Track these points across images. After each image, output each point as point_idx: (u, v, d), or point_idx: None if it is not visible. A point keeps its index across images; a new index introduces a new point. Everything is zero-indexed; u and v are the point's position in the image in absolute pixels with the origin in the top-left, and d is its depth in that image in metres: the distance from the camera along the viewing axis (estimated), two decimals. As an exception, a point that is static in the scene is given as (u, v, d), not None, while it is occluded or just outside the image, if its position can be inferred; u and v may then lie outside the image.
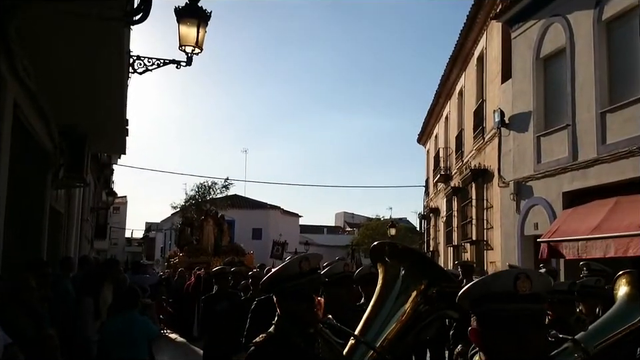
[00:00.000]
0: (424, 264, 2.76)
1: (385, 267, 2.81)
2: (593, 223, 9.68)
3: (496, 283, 1.86)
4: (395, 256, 2.78)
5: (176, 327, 16.04)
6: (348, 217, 64.92)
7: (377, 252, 2.87)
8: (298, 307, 2.58)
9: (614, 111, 10.00)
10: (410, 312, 2.64)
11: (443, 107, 22.43)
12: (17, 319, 4.50)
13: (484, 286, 1.88)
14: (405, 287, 2.67)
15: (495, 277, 1.95)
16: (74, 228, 12.20)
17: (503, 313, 1.81)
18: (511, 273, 1.85)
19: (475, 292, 1.89)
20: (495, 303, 1.83)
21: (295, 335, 2.59)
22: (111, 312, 6.69)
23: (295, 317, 2.60)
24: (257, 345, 2.61)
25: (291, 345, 2.57)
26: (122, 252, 49.19)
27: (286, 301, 2.61)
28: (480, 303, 1.86)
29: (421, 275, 2.67)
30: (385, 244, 2.89)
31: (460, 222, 18.37)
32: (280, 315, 2.67)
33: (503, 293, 1.82)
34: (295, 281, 2.58)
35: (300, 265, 2.60)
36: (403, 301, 2.66)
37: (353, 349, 2.66)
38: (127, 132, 9.85)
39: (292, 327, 2.60)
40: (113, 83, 6.29)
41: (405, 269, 2.71)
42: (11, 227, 5.64)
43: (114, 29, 4.79)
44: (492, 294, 1.84)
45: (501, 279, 1.86)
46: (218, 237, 20.31)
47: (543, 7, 12.00)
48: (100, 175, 17.95)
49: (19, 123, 5.80)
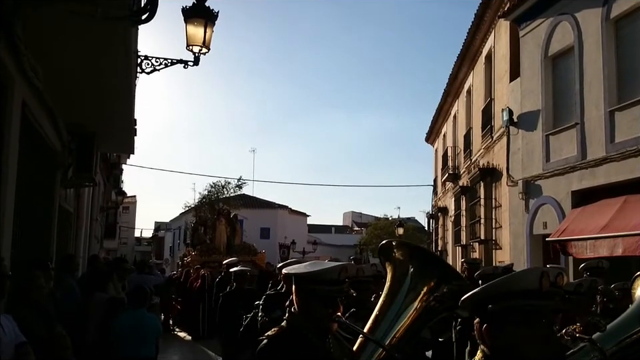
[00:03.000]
0: (433, 262, 2.76)
1: (394, 265, 2.81)
2: (602, 222, 9.64)
3: (523, 280, 1.92)
4: (404, 254, 2.78)
5: (185, 325, 16.13)
6: (356, 217, 64.82)
7: (385, 250, 2.87)
8: (322, 311, 2.58)
9: (622, 110, 9.95)
10: (419, 309, 2.64)
11: (451, 105, 22.38)
12: (27, 317, 4.54)
13: (510, 283, 1.93)
14: (414, 285, 2.68)
15: (522, 274, 2.01)
16: (83, 227, 12.28)
17: (529, 308, 1.87)
18: (537, 271, 1.92)
19: (501, 289, 1.93)
20: (521, 299, 1.88)
21: (308, 330, 2.60)
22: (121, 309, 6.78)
23: (315, 318, 2.60)
24: (270, 338, 2.61)
25: (304, 340, 2.58)
26: (131, 251, 49.46)
27: (311, 302, 2.60)
28: (504, 299, 1.90)
29: (430, 272, 2.67)
30: (394, 242, 2.90)
31: (468, 221, 18.32)
32: (296, 311, 2.67)
33: (531, 290, 1.88)
34: (330, 286, 2.58)
35: (339, 273, 2.61)
36: (412, 298, 2.66)
37: (362, 346, 2.67)
38: (135, 132, 9.90)
39: (307, 324, 2.60)
40: (120, 82, 6.31)
41: (414, 267, 2.71)
42: (20, 226, 5.68)
43: (120, 28, 4.81)
44: (519, 291, 1.89)
45: (529, 276, 1.92)
46: (230, 236, 20.34)
47: (551, 5, 11.96)
48: (109, 175, 18.07)
49: (28, 122, 5.84)
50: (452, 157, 21.62)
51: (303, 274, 2.66)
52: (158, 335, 6.77)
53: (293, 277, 2.71)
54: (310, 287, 2.61)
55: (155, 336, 6.63)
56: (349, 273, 2.64)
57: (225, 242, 19.90)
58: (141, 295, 6.59)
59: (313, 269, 2.67)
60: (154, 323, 6.67)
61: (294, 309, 2.69)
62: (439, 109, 24.19)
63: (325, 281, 2.59)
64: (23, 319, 4.34)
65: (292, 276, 2.72)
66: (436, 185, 27.21)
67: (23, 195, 5.72)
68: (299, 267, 2.79)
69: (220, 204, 27.62)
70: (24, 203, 5.88)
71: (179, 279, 17.50)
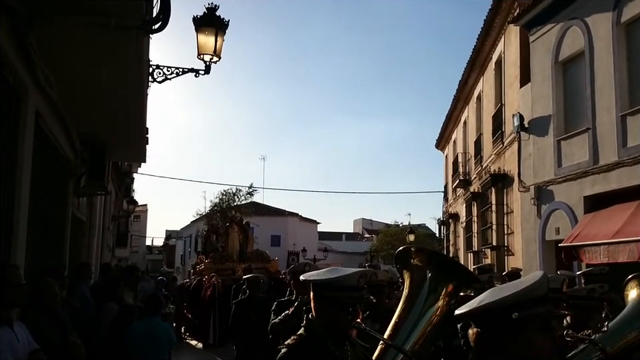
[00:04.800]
0: (451, 266, 2.75)
1: (411, 272, 2.80)
2: (615, 227, 9.56)
3: (544, 287, 1.97)
4: (421, 259, 2.78)
5: (196, 333, 16.15)
6: (366, 224, 64.71)
7: (401, 257, 2.86)
8: (341, 317, 2.58)
9: (634, 114, 9.88)
10: (440, 313, 2.64)
11: (462, 111, 22.32)
12: (41, 325, 4.56)
13: (535, 290, 1.96)
14: (433, 288, 2.67)
15: (544, 280, 2.04)
16: (96, 236, 12.33)
17: (548, 314, 1.94)
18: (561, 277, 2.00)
19: (527, 296, 1.96)
20: (542, 305, 1.93)
21: (328, 338, 2.59)
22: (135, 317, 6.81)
23: (334, 325, 2.59)
24: (290, 347, 2.61)
25: (324, 348, 2.57)
26: (142, 260, 49.64)
27: (331, 309, 2.60)
28: (529, 306, 1.93)
29: (449, 276, 2.67)
30: (412, 248, 2.89)
31: (480, 227, 18.23)
32: (315, 319, 2.66)
33: (543, 296, 1.94)
34: (350, 293, 2.58)
35: (359, 280, 2.61)
36: (432, 302, 2.66)
37: (383, 353, 2.66)
38: (147, 140, 9.95)
39: (326, 331, 2.59)
40: (132, 92, 6.35)
41: (432, 272, 2.70)
42: (34, 235, 5.72)
43: (133, 38, 4.84)
44: (541, 297, 1.94)
45: (553, 282, 2.00)
46: (243, 244, 20.32)
47: (561, 10, 11.92)
48: (121, 184, 18.16)
49: (41, 131, 5.90)
50: (462, 163, 21.54)
51: (322, 280, 2.65)
52: (171, 344, 6.79)
53: (312, 284, 2.69)
54: (329, 294, 2.60)
55: (167, 344, 6.65)
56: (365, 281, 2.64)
57: (238, 249, 19.88)
58: (155, 302, 6.63)
59: (332, 275, 2.66)
60: (166, 332, 6.69)
61: (312, 315, 2.68)
62: (449, 115, 24.15)
63: (344, 288, 2.58)
64: (36, 327, 4.37)
65: (310, 283, 2.70)
66: (447, 191, 27.11)
67: (36, 203, 5.77)
68: (317, 274, 2.77)
69: (232, 211, 27.66)
70: (38, 212, 5.93)
71: (191, 287, 17.52)
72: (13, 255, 4.86)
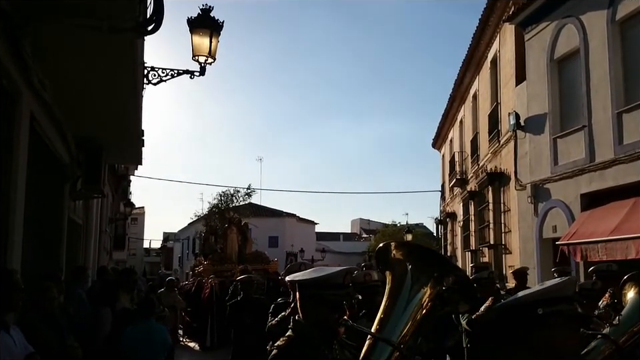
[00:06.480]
0: (431, 256, 2.74)
1: (392, 268, 2.78)
2: (612, 225, 9.57)
3: (571, 287, 2.16)
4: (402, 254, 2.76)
5: (194, 335, 16.11)
6: (364, 224, 64.74)
7: (381, 256, 2.85)
8: (329, 316, 2.57)
9: (630, 111, 9.90)
10: (427, 299, 2.62)
11: (458, 110, 22.36)
12: (38, 328, 4.55)
13: (562, 289, 2.12)
14: (416, 279, 2.65)
15: (571, 281, 2.21)
16: (92, 239, 12.31)
17: (572, 312, 2.09)
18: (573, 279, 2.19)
19: (553, 294, 2.10)
20: (566, 304, 2.07)
21: (316, 337, 2.58)
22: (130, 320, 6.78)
23: (322, 324, 2.59)
24: (280, 348, 2.60)
25: (313, 348, 2.56)
26: (140, 262, 49.50)
27: (318, 308, 2.59)
28: (555, 303, 2.07)
29: (430, 266, 2.66)
30: (390, 243, 2.88)
31: (477, 226, 18.26)
32: (303, 319, 2.65)
33: (569, 296, 2.11)
34: (336, 291, 2.58)
35: (344, 278, 2.62)
36: (417, 290, 2.64)
37: (371, 347, 2.64)
38: (143, 143, 9.93)
39: (314, 330, 2.59)
40: (127, 94, 6.34)
41: (412, 264, 2.69)
42: (30, 239, 5.70)
43: (127, 40, 4.83)
44: (568, 296, 2.10)
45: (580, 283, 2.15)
46: (242, 245, 20.26)
47: (556, 8, 11.94)
48: (117, 186, 18.15)
49: (36, 135, 5.88)
50: (459, 162, 21.57)
51: (307, 280, 2.65)
52: (167, 347, 6.76)
53: (297, 284, 2.69)
54: (315, 293, 2.60)
55: (163, 347, 6.62)
56: (355, 278, 2.64)
57: (237, 250, 19.81)
58: (148, 305, 6.61)
59: (317, 274, 2.66)
60: (162, 334, 6.67)
61: (298, 316, 2.68)
62: (445, 114, 24.18)
63: (329, 286, 2.58)
64: (34, 330, 4.35)
65: (296, 283, 2.71)
66: (444, 191, 27.14)
67: (32, 207, 5.75)
68: (302, 274, 2.78)
69: (231, 212, 27.61)
70: (33, 216, 5.91)
71: (192, 290, 17.46)
72: (8, 259, 4.84)
